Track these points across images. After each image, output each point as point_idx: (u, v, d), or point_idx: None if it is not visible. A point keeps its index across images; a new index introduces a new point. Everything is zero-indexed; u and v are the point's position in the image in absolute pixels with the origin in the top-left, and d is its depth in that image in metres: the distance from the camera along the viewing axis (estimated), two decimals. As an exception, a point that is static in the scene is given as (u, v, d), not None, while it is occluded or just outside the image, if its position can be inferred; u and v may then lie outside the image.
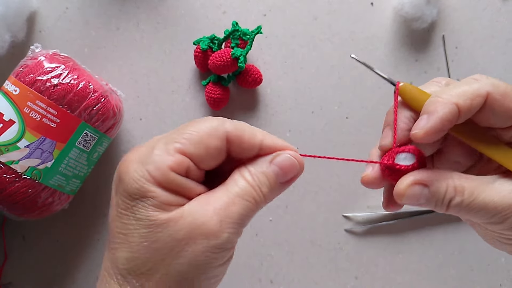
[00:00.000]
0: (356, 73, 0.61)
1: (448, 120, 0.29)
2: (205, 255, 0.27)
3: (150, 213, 0.28)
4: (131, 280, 0.27)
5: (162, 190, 0.28)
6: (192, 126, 0.29)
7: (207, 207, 0.28)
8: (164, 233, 0.27)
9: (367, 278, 0.60)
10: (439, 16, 0.60)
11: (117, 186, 0.30)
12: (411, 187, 0.30)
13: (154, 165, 0.28)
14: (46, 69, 0.50)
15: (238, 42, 0.58)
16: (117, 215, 0.29)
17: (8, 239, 0.60)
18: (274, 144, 0.30)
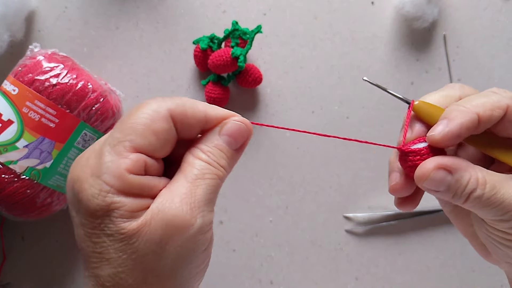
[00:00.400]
0: (356, 73, 0.60)
1: (467, 128, 0.29)
2: (186, 247, 0.26)
3: (120, 226, 0.26)
4: None
5: (125, 198, 0.26)
6: (132, 117, 0.27)
7: (173, 199, 0.26)
8: (140, 240, 0.26)
9: (368, 279, 0.60)
10: (440, 15, 0.60)
11: (76, 206, 0.27)
12: (436, 171, 0.29)
13: (110, 174, 0.26)
14: (45, 68, 0.50)
15: (238, 42, 0.57)
16: (85, 235, 0.27)
17: (7, 239, 0.60)
18: (217, 114, 0.30)
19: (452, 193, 0.29)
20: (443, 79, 0.60)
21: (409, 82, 0.60)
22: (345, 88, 0.60)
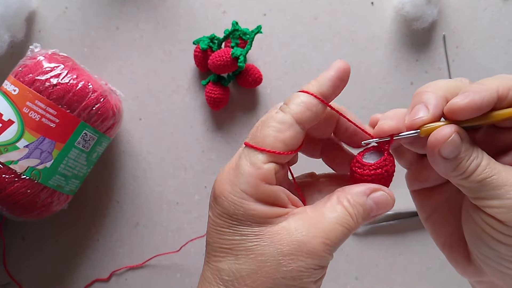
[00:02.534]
0: (356, 73, 0.60)
1: (488, 102, 0.29)
2: (307, 271, 0.28)
3: (255, 229, 0.29)
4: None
5: (260, 205, 0.29)
6: (262, 130, 0.30)
7: (311, 228, 0.29)
8: (271, 246, 0.28)
9: (368, 279, 0.60)
10: (440, 15, 0.60)
11: (213, 207, 0.30)
12: (456, 135, 0.29)
13: (247, 183, 0.29)
14: (45, 69, 0.50)
15: (238, 42, 0.58)
16: (218, 232, 0.30)
17: (7, 239, 0.60)
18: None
19: (459, 161, 0.29)
20: (443, 79, 0.60)
21: (408, 82, 0.60)
22: (345, 89, 0.60)
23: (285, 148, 0.29)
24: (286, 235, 0.28)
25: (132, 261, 0.60)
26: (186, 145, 0.61)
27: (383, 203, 0.31)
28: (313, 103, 0.30)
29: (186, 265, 0.60)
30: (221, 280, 0.29)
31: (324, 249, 0.28)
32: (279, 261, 0.28)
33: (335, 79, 0.31)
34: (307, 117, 0.30)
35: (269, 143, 0.29)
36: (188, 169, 0.61)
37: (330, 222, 0.29)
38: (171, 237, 0.60)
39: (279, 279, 0.28)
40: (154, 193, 0.61)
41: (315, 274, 0.29)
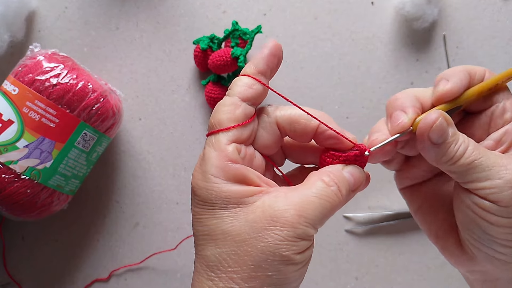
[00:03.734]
0: (356, 73, 0.60)
1: (465, 79, 0.32)
2: (284, 243, 0.28)
3: (231, 211, 0.29)
4: (220, 274, 0.29)
5: (231, 184, 0.30)
6: (215, 115, 0.32)
7: (284, 201, 0.29)
8: (246, 225, 0.29)
9: (368, 279, 0.60)
10: (440, 15, 0.60)
11: (192, 200, 0.31)
12: (442, 119, 0.31)
13: (214, 167, 0.30)
14: (45, 68, 0.50)
15: (238, 42, 0.57)
16: (198, 221, 0.31)
17: (7, 239, 0.60)
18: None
19: (447, 147, 0.31)
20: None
21: (409, 82, 0.60)
22: (345, 88, 0.60)
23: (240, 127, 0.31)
24: (260, 212, 0.29)
25: (132, 261, 0.60)
26: (186, 145, 0.61)
27: (357, 176, 0.32)
28: (253, 82, 0.32)
29: (186, 265, 0.60)
30: (207, 267, 0.30)
31: (298, 221, 0.28)
32: (255, 238, 0.28)
33: (268, 56, 0.32)
34: (250, 94, 0.32)
35: (225, 124, 0.31)
36: (188, 168, 0.61)
37: (307, 195, 0.29)
38: (171, 237, 0.60)
39: (259, 255, 0.28)
40: (154, 193, 0.61)
41: (294, 246, 0.28)
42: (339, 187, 0.31)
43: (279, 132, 0.33)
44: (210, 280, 0.29)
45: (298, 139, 0.34)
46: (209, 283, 0.29)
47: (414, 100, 0.32)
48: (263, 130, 0.33)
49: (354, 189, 0.32)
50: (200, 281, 0.30)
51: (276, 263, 0.28)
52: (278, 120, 0.33)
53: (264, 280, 0.28)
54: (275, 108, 0.33)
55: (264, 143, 0.33)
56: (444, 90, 0.32)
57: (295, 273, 0.29)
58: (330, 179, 0.31)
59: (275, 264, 0.28)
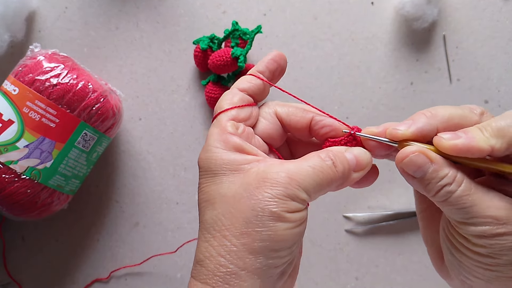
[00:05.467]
0: (356, 73, 0.60)
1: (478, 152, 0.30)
2: (273, 200, 0.29)
3: (229, 177, 0.32)
4: (215, 233, 0.30)
5: (231, 152, 0.32)
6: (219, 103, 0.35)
7: (278, 167, 0.31)
8: (241, 187, 0.31)
9: (368, 279, 0.60)
10: (440, 15, 0.60)
11: (199, 174, 0.34)
12: (418, 154, 0.30)
13: (215, 140, 0.33)
14: (45, 68, 0.50)
15: (238, 42, 0.58)
16: (201, 191, 0.33)
17: (7, 239, 0.60)
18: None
19: (426, 182, 0.31)
20: (442, 79, 0.61)
21: (408, 82, 0.61)
22: (345, 88, 0.60)
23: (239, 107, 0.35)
24: (254, 175, 0.31)
25: (132, 261, 0.60)
26: (186, 145, 0.61)
27: (361, 157, 0.33)
28: (252, 78, 0.36)
29: (186, 265, 0.60)
30: (205, 229, 0.31)
31: (288, 182, 0.30)
32: (247, 197, 0.30)
33: (268, 60, 0.36)
34: (247, 86, 0.35)
35: (225, 108, 0.34)
36: (188, 168, 0.61)
37: (301, 164, 0.31)
38: (171, 237, 0.60)
39: (250, 211, 0.29)
40: (154, 193, 0.61)
41: (284, 204, 0.29)
42: (335, 163, 0.31)
43: (279, 124, 0.36)
44: (206, 241, 0.30)
45: (296, 133, 0.36)
46: (205, 244, 0.30)
47: (433, 126, 0.31)
48: (264, 119, 0.35)
49: (358, 169, 0.33)
50: (198, 245, 0.31)
51: (265, 219, 0.29)
52: (277, 111, 0.36)
53: (255, 236, 0.29)
54: (277, 103, 0.36)
55: (266, 132, 0.35)
56: (442, 144, 0.30)
57: (286, 232, 0.30)
58: (326, 155, 0.32)
59: (264, 219, 0.29)
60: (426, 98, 0.60)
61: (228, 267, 0.29)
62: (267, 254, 0.29)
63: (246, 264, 0.29)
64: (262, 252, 0.29)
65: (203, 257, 0.30)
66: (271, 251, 0.29)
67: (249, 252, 0.29)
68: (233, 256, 0.29)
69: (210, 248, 0.30)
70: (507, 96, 0.60)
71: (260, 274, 0.29)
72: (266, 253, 0.29)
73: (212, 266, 0.30)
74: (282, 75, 0.38)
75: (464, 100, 0.60)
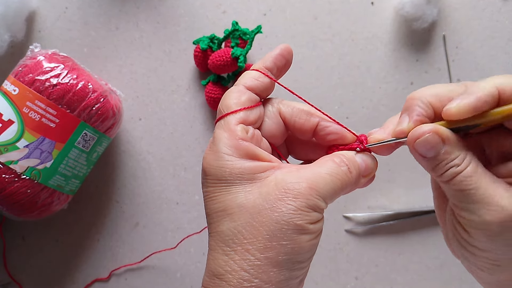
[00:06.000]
0: (356, 73, 0.60)
1: (484, 102, 0.29)
2: (297, 213, 0.29)
3: (245, 186, 0.31)
4: (235, 247, 0.30)
5: (244, 160, 0.31)
6: (223, 101, 0.34)
7: (297, 175, 0.30)
8: (260, 198, 0.30)
9: (368, 279, 0.60)
10: (440, 15, 0.60)
11: (204, 181, 0.32)
12: (432, 134, 0.30)
13: (226, 146, 0.31)
14: (45, 69, 0.50)
15: (238, 42, 0.58)
16: (212, 200, 0.31)
17: (7, 239, 0.60)
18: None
19: (436, 163, 0.30)
20: (442, 79, 0.61)
21: (408, 82, 0.61)
22: (345, 89, 0.61)
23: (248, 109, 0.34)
24: (273, 185, 0.30)
25: (132, 261, 0.60)
26: (186, 145, 0.61)
27: (369, 163, 0.33)
28: (258, 75, 0.34)
29: (186, 264, 0.60)
30: (222, 242, 0.30)
31: (310, 192, 0.29)
32: (269, 208, 0.29)
33: (276, 55, 0.35)
34: (255, 85, 0.34)
35: (232, 108, 0.33)
36: (188, 169, 0.61)
37: (318, 172, 0.31)
38: (171, 237, 0.60)
39: (273, 224, 0.29)
40: (154, 193, 0.61)
41: (307, 216, 0.29)
42: (349, 168, 0.32)
43: (282, 123, 0.35)
44: (226, 255, 0.30)
45: (298, 134, 0.35)
46: (224, 258, 0.30)
47: (426, 104, 0.31)
48: (268, 119, 0.34)
49: (366, 174, 0.33)
50: (215, 257, 0.30)
51: (290, 232, 0.29)
52: (280, 110, 0.34)
53: (279, 249, 0.29)
54: (280, 100, 0.35)
55: (269, 132, 0.34)
56: (451, 112, 0.30)
57: (308, 243, 0.30)
58: (341, 160, 0.32)
59: (289, 233, 0.29)
60: (426, 98, 0.60)
61: (252, 281, 0.29)
62: (291, 266, 0.29)
63: (270, 278, 0.29)
64: (286, 265, 0.29)
65: (223, 271, 0.29)
66: (295, 263, 0.29)
67: (273, 266, 0.29)
68: (257, 271, 0.29)
69: (231, 262, 0.29)
70: (507, 96, 0.60)
71: (283, 286, 0.29)
72: (290, 265, 0.29)
73: (235, 281, 0.29)
74: (288, 69, 0.36)
75: (464, 100, 0.60)
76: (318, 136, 0.35)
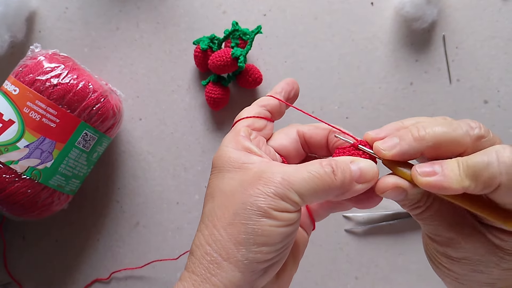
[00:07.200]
0: (356, 73, 0.61)
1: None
2: (262, 197, 0.31)
3: (231, 173, 0.33)
4: (208, 223, 0.32)
5: (237, 151, 0.34)
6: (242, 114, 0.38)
7: (276, 168, 0.32)
8: (238, 183, 0.32)
9: (368, 279, 0.60)
10: (440, 16, 0.60)
11: (211, 173, 0.35)
12: (394, 189, 0.32)
13: (230, 141, 0.35)
14: (46, 69, 0.50)
15: (238, 42, 0.58)
16: (208, 186, 0.35)
17: (8, 239, 0.60)
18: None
19: (402, 204, 0.33)
20: (442, 79, 0.61)
21: (408, 83, 0.61)
22: (345, 89, 0.61)
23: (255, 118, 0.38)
24: (252, 173, 0.32)
25: (132, 261, 0.60)
26: (186, 145, 0.61)
27: (366, 170, 0.33)
28: (270, 98, 0.39)
29: (186, 265, 0.60)
30: (202, 221, 0.33)
31: (281, 182, 0.31)
32: (241, 191, 0.31)
33: (283, 84, 0.40)
34: (267, 103, 0.38)
35: (243, 117, 0.38)
36: (188, 169, 0.61)
37: (298, 168, 0.32)
38: (171, 237, 0.60)
39: (240, 204, 0.31)
40: (154, 193, 0.61)
41: (272, 202, 0.30)
42: (335, 171, 0.32)
43: (297, 138, 0.38)
44: (200, 231, 0.32)
45: (317, 150, 0.39)
46: (198, 233, 0.32)
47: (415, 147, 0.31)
48: (283, 134, 0.39)
49: (362, 181, 0.33)
50: (196, 235, 0.33)
51: (251, 213, 0.30)
52: (298, 129, 0.38)
53: (240, 227, 0.30)
54: (297, 124, 0.39)
55: (282, 142, 0.38)
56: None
57: (270, 229, 0.30)
58: (327, 163, 0.32)
59: (250, 213, 0.30)
60: (426, 98, 0.60)
61: (212, 255, 0.31)
62: (249, 247, 0.30)
63: (229, 255, 0.30)
64: (244, 245, 0.30)
65: (194, 246, 0.32)
66: (254, 245, 0.30)
67: (233, 243, 0.30)
68: (218, 245, 0.31)
69: (201, 237, 0.32)
70: (507, 97, 0.61)
71: (241, 267, 0.30)
72: (248, 246, 0.30)
73: (199, 254, 0.31)
74: (296, 99, 0.40)
75: (464, 100, 0.60)
76: (332, 148, 0.38)
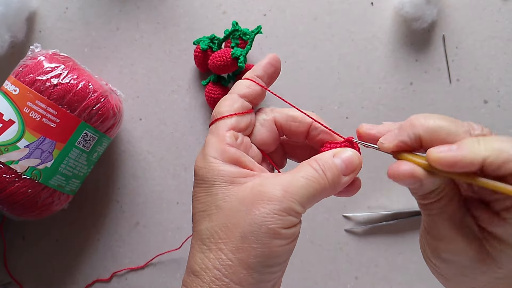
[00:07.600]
0: (356, 73, 0.61)
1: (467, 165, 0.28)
2: (270, 216, 0.30)
3: (224, 188, 0.32)
4: (211, 246, 0.31)
5: (227, 165, 0.33)
6: (218, 108, 0.35)
7: (273, 180, 0.31)
8: (236, 201, 0.31)
9: (367, 278, 0.60)
10: (439, 16, 0.60)
11: (194, 182, 0.34)
12: (409, 175, 0.30)
13: (214, 150, 0.33)
14: (46, 69, 0.50)
15: (238, 42, 0.58)
16: (196, 200, 0.33)
17: (8, 239, 0.60)
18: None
19: (412, 191, 0.32)
20: (442, 79, 0.61)
21: (408, 83, 0.61)
22: (344, 89, 0.61)
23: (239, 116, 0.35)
24: (249, 190, 0.31)
25: (132, 261, 0.60)
26: (186, 145, 0.61)
27: (350, 160, 0.33)
28: (251, 83, 0.36)
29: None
30: (200, 240, 0.32)
31: (284, 195, 0.30)
32: (244, 211, 0.30)
33: (265, 64, 0.37)
34: (248, 92, 0.36)
35: (224, 114, 0.35)
36: (188, 168, 0.61)
37: (294, 176, 0.31)
38: (171, 237, 0.60)
39: (246, 227, 0.30)
40: (154, 192, 0.61)
41: (280, 220, 0.30)
42: (324, 171, 0.32)
43: (276, 130, 0.36)
44: (202, 252, 0.31)
45: (293, 137, 0.37)
46: (200, 255, 0.31)
47: (416, 137, 0.30)
48: (261, 127, 0.36)
49: (348, 173, 0.33)
50: (193, 254, 0.32)
51: (261, 236, 0.29)
52: (275, 118, 0.36)
53: (250, 252, 0.30)
54: (272, 109, 0.37)
55: (262, 139, 0.36)
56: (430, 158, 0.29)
57: (281, 248, 0.30)
58: (316, 164, 0.32)
59: (260, 236, 0.29)
60: (426, 98, 0.60)
61: (223, 280, 0.30)
62: (260, 270, 0.30)
63: (241, 279, 0.30)
64: (256, 268, 0.30)
65: (198, 268, 0.31)
66: (265, 267, 0.30)
67: (243, 268, 0.30)
68: (228, 271, 0.30)
69: (206, 260, 0.31)
70: (507, 96, 0.61)
71: None
72: (260, 269, 0.30)
73: (207, 279, 0.30)
74: (276, 79, 0.38)
75: (463, 100, 0.60)
76: (311, 137, 0.36)
